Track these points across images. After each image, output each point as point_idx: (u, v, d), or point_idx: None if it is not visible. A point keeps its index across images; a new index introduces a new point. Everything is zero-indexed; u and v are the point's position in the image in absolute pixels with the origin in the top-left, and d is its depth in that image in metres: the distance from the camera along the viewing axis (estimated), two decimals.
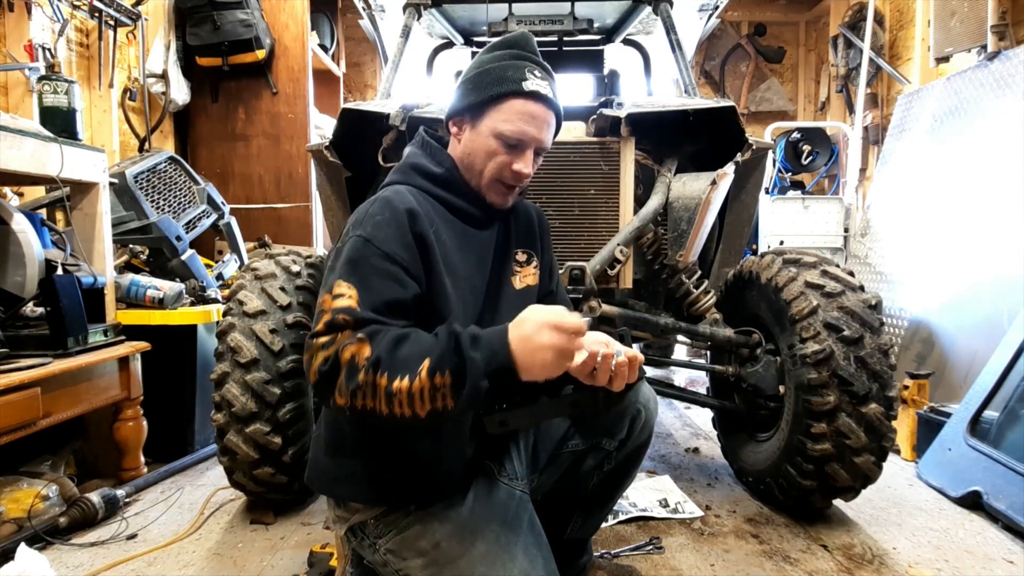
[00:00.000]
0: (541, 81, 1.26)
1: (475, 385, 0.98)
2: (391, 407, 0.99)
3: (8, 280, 2.14)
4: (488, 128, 1.25)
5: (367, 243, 1.13)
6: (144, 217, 2.83)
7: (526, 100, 1.24)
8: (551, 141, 1.31)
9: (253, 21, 3.94)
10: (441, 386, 0.98)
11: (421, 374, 0.98)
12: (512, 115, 1.24)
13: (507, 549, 1.16)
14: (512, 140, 1.24)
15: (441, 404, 0.99)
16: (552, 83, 1.29)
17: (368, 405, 1.00)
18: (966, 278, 3.08)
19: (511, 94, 1.23)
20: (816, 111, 6.09)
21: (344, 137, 2.18)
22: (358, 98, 5.93)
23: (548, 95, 1.26)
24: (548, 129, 1.28)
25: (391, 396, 0.99)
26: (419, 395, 0.98)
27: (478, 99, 1.26)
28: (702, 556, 1.81)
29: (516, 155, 1.25)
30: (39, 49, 2.86)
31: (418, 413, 0.99)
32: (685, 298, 2.21)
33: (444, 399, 0.98)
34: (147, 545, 1.87)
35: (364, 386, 1.00)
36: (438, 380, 0.98)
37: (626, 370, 1.06)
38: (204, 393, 2.66)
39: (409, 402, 0.99)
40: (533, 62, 1.28)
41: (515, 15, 3.04)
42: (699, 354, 3.67)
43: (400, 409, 0.99)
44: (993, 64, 3.41)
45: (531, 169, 1.28)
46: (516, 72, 1.25)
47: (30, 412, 1.82)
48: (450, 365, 0.98)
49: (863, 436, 1.83)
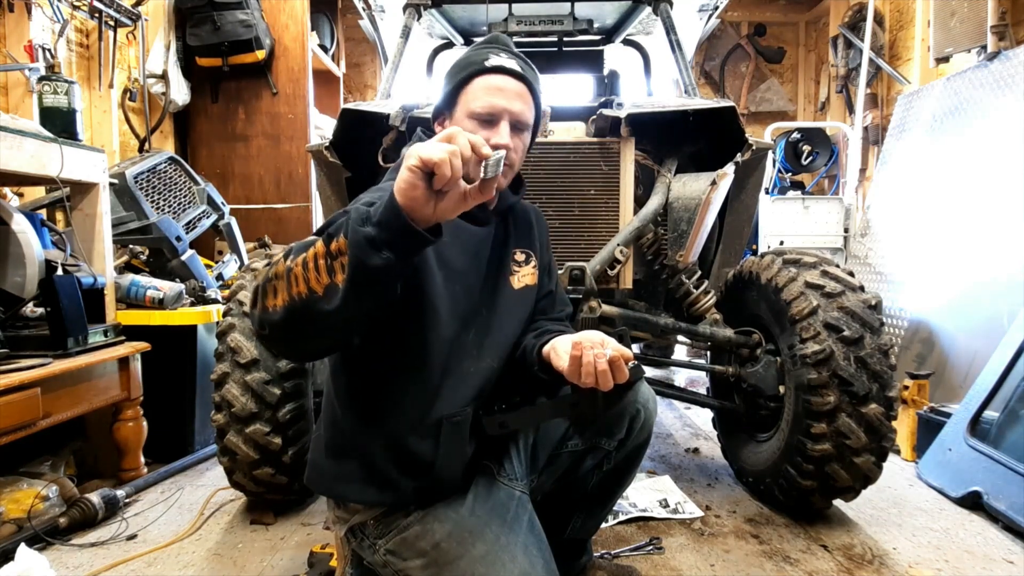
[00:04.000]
0: (507, 59, 1.27)
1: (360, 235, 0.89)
2: (290, 288, 0.92)
3: (8, 280, 2.14)
4: (461, 113, 1.26)
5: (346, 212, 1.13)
6: (144, 217, 2.83)
7: (490, 75, 1.25)
8: (529, 115, 1.29)
9: (253, 21, 3.94)
10: (336, 252, 0.90)
11: (318, 243, 0.92)
12: (479, 92, 1.25)
13: (507, 549, 1.16)
14: (483, 115, 1.24)
15: (339, 278, 0.90)
16: (522, 63, 1.29)
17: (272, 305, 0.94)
18: (966, 278, 3.08)
19: (475, 74, 1.26)
20: (816, 111, 6.09)
21: (344, 137, 2.18)
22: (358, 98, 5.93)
23: (513, 67, 1.26)
24: (520, 100, 1.27)
25: (290, 273, 0.93)
26: (314, 263, 0.91)
27: (448, 91, 1.29)
28: (702, 556, 1.81)
29: (492, 130, 1.25)
30: (39, 49, 2.86)
31: (313, 287, 0.91)
32: (685, 298, 2.21)
33: (342, 271, 0.90)
34: (147, 545, 1.87)
35: (272, 280, 0.95)
36: (333, 246, 0.90)
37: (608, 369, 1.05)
38: (204, 393, 2.66)
39: (304, 274, 0.91)
40: (501, 48, 1.30)
41: (515, 15, 3.04)
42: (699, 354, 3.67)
43: (296, 287, 0.92)
44: (993, 64, 3.41)
45: (510, 141, 1.25)
46: (479, 55, 1.28)
47: (30, 412, 1.82)
48: (343, 227, 0.91)
49: (863, 436, 1.83)
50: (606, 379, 1.06)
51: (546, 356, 1.21)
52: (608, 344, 1.08)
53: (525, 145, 1.31)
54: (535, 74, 1.32)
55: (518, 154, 1.29)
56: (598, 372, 1.05)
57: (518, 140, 1.28)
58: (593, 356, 1.06)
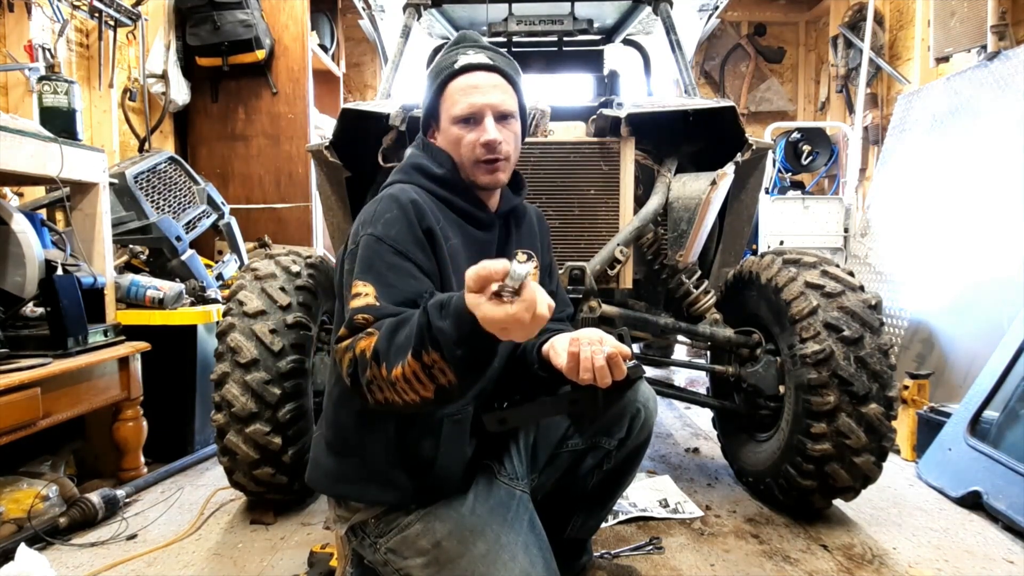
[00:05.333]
0: (475, 55, 1.28)
1: (453, 355, 0.94)
2: (401, 395, 0.99)
3: (8, 280, 2.14)
4: (446, 120, 1.28)
5: (379, 241, 1.14)
6: (144, 217, 2.83)
7: (461, 75, 1.27)
8: (512, 103, 1.29)
9: (253, 21, 3.94)
10: (432, 364, 0.95)
11: (409, 358, 0.96)
12: (455, 96, 1.26)
13: (507, 548, 1.16)
14: (465, 116, 1.25)
15: (445, 380, 0.96)
16: (491, 53, 1.30)
17: (386, 398, 1.01)
18: (966, 278, 3.08)
19: (447, 79, 1.27)
20: (816, 111, 6.09)
21: (344, 137, 2.18)
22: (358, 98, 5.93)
23: (483, 61, 1.27)
24: (497, 91, 1.27)
25: (394, 385, 0.98)
26: (415, 378, 0.96)
27: (428, 102, 1.32)
28: (702, 556, 1.81)
29: (478, 129, 1.25)
30: (39, 49, 2.86)
31: (424, 395, 0.97)
32: (685, 298, 2.21)
33: (444, 374, 0.95)
34: (147, 545, 1.87)
35: (374, 380, 1.00)
36: (426, 359, 0.94)
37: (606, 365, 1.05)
38: (204, 393, 2.66)
39: (411, 387, 0.97)
40: (468, 45, 1.31)
41: (515, 15, 3.04)
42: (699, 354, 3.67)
43: (408, 395, 0.98)
44: (993, 64, 3.41)
45: (498, 134, 1.25)
46: (447, 60, 1.30)
47: (30, 412, 1.82)
48: (430, 341, 0.94)
49: (863, 436, 1.83)
50: (604, 375, 1.06)
51: (545, 354, 1.21)
52: (606, 341, 1.09)
53: (516, 134, 1.31)
54: (508, 61, 1.32)
55: (511, 145, 1.29)
56: (596, 368, 1.05)
57: (507, 131, 1.28)
58: (591, 352, 1.06)
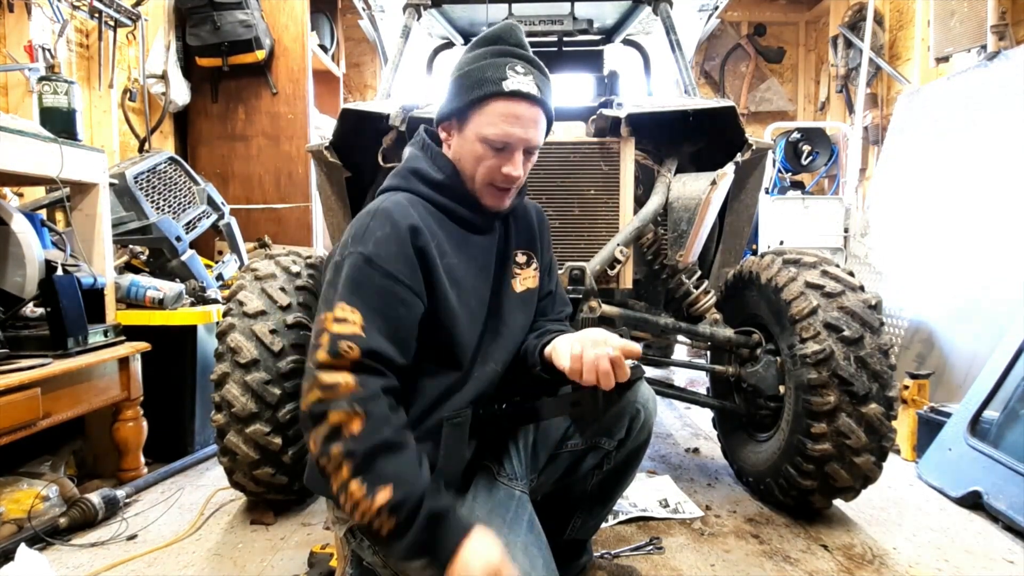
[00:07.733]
0: (524, 77, 1.20)
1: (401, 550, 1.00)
2: (339, 494, 1.01)
3: (8, 280, 2.14)
4: (473, 133, 1.21)
5: (369, 262, 1.11)
6: (144, 217, 2.82)
7: (508, 101, 1.19)
8: (541, 139, 1.26)
9: (253, 21, 3.94)
10: (380, 526, 0.99)
11: (377, 499, 0.99)
12: (495, 118, 1.19)
13: (507, 549, 1.16)
14: (497, 144, 1.20)
15: (377, 528, 1.00)
16: (538, 76, 1.23)
17: (326, 470, 1.03)
18: (966, 278, 3.08)
19: (492, 96, 1.19)
20: (816, 111, 6.09)
21: (344, 137, 2.18)
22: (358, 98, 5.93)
23: (531, 92, 1.20)
24: (535, 127, 1.23)
25: (344, 488, 1.00)
26: (362, 513, 1.00)
27: (460, 104, 1.22)
28: (702, 556, 1.81)
29: (504, 158, 1.21)
30: (39, 49, 2.86)
31: (354, 516, 1.01)
32: (685, 298, 2.21)
33: (380, 529, 1.00)
34: (147, 545, 1.87)
35: (332, 459, 1.01)
36: (384, 518, 0.99)
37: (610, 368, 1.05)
38: (204, 393, 2.66)
39: (353, 507, 1.00)
40: (516, 56, 1.23)
41: (515, 15, 3.04)
42: (699, 354, 3.67)
43: (343, 500, 1.01)
44: (993, 64, 3.40)
45: (521, 171, 1.23)
46: (496, 71, 1.20)
47: (30, 412, 1.82)
48: (400, 518, 0.99)
49: (863, 436, 1.83)
50: (608, 378, 1.06)
51: (548, 356, 1.21)
52: (611, 342, 1.08)
53: (532, 162, 1.29)
54: (548, 84, 1.26)
55: (524, 174, 1.27)
56: (599, 371, 1.05)
57: (528, 163, 1.26)
58: (595, 355, 1.06)
